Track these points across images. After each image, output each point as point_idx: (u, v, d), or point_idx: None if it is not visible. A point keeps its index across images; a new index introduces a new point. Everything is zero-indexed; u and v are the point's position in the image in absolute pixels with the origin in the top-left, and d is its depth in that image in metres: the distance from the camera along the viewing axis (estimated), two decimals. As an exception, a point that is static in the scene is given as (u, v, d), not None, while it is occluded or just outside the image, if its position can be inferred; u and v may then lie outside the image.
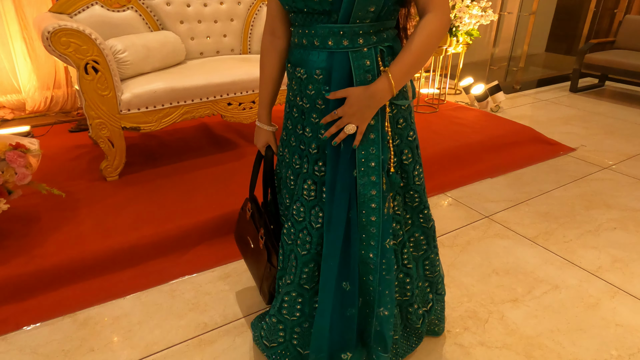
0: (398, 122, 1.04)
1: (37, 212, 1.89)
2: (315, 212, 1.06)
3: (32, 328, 1.48)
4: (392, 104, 1.01)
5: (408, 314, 1.26)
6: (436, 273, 1.32)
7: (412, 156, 1.10)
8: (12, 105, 3.08)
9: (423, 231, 1.22)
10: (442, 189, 2.42)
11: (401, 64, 0.92)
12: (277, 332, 1.20)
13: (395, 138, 1.05)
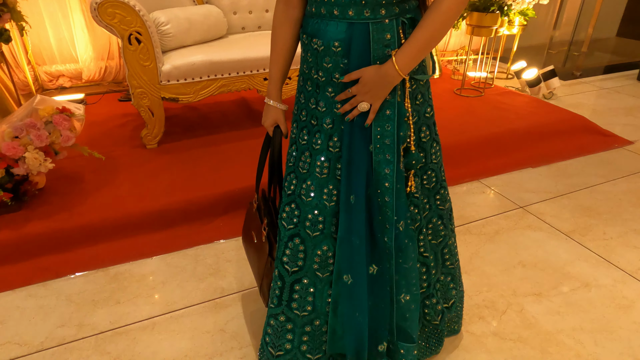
0: (416, 99, 1.00)
1: (81, 173, 2.04)
2: (329, 189, 1.02)
3: (68, 278, 1.62)
4: (412, 78, 0.97)
5: (425, 307, 1.19)
6: (456, 262, 1.26)
7: (430, 133, 1.06)
8: (70, 74, 3.29)
9: (440, 215, 1.16)
10: (478, 176, 2.33)
11: (409, 48, 0.88)
12: (285, 335, 1.09)
13: (414, 115, 1.00)
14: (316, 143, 1.01)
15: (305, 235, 1.03)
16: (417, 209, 1.07)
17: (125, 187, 1.94)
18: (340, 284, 1.04)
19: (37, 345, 1.35)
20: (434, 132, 1.08)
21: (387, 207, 0.98)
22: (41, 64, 3.19)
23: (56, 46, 3.19)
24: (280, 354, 1.10)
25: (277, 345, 1.10)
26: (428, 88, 1.05)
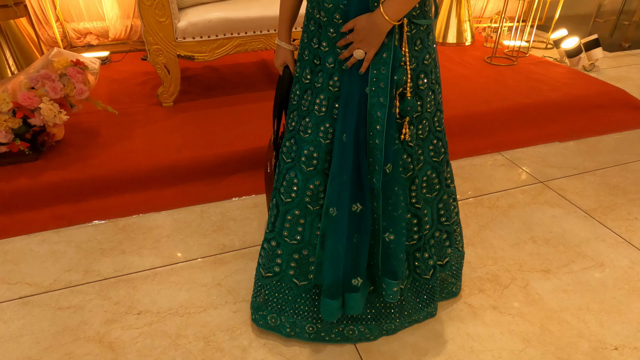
0: (415, 44, 0.97)
1: (98, 127, 2.08)
2: (325, 127, 1.04)
3: (80, 226, 1.68)
4: (411, 22, 0.94)
5: (416, 260, 1.19)
6: (453, 220, 1.23)
7: (427, 81, 1.03)
8: (97, 31, 3.33)
9: (434, 167, 1.14)
10: (500, 148, 2.23)
11: None
12: (275, 259, 1.17)
13: (412, 61, 0.98)
14: (317, 82, 1.04)
15: (299, 170, 1.08)
16: (410, 158, 1.07)
17: (139, 143, 1.97)
18: (327, 217, 1.07)
19: (46, 286, 1.42)
20: (432, 80, 1.05)
21: (377, 149, 0.99)
22: (69, 21, 3.24)
23: (84, 3, 3.22)
24: (269, 275, 1.19)
25: (267, 267, 1.19)
26: (429, 34, 1.01)
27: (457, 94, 2.49)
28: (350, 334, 1.22)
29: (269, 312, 1.21)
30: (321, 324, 1.20)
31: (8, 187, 1.68)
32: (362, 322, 1.21)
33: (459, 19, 3.37)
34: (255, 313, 1.24)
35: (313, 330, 1.20)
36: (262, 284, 1.21)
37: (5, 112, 1.68)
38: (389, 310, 1.21)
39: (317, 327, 1.20)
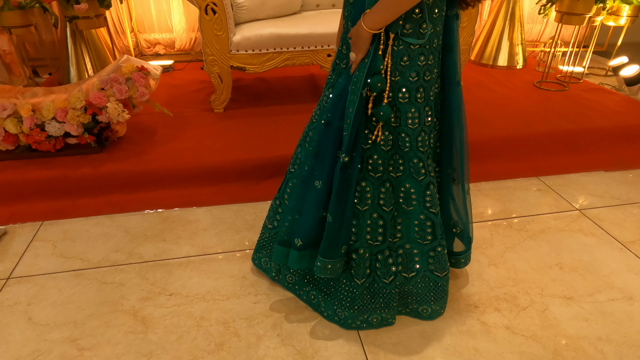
0: (402, 59, 1.06)
1: (155, 127, 2.30)
2: (326, 117, 1.18)
3: (130, 214, 1.87)
4: (400, 38, 1.04)
5: (377, 262, 1.25)
6: (426, 242, 1.25)
7: (410, 98, 1.10)
8: (165, 42, 3.65)
9: (413, 183, 1.19)
10: (537, 173, 2.19)
11: (375, 7, 0.98)
12: (276, 215, 1.40)
13: (396, 74, 1.07)
14: (332, 78, 1.21)
15: (303, 147, 1.28)
16: (380, 160, 1.15)
17: (188, 143, 2.15)
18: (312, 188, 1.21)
19: (95, 263, 1.60)
20: (416, 98, 1.10)
21: (345, 140, 1.11)
22: (142, 32, 3.59)
23: (156, 17, 3.55)
24: (270, 227, 1.43)
25: (270, 220, 1.43)
26: (421, 54, 1.07)
27: (498, 115, 2.48)
28: (312, 298, 1.38)
29: (264, 255, 1.46)
30: (297, 277, 1.39)
31: (74, 174, 1.91)
32: (321, 291, 1.36)
33: (511, 42, 3.34)
34: (255, 253, 1.51)
35: (292, 280, 1.41)
36: (264, 232, 1.46)
37: (78, 108, 1.92)
38: (341, 295, 1.29)
39: (295, 279, 1.41)
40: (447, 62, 1.15)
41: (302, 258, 1.26)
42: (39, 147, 1.95)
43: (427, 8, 1.02)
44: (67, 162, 1.96)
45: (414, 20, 1.02)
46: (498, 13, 3.37)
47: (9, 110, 1.87)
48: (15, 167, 1.93)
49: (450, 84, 1.17)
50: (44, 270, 1.56)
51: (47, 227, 1.79)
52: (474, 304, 1.43)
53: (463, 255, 1.41)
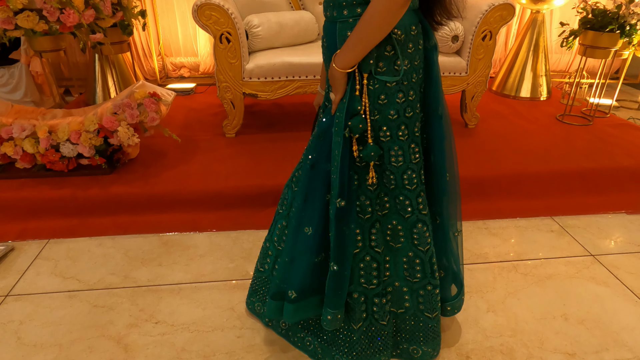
0: (379, 97, 1.04)
1: (166, 150, 2.36)
2: (312, 156, 1.17)
3: (132, 236, 1.90)
4: (374, 77, 1.02)
5: (374, 305, 1.20)
6: (416, 280, 1.19)
7: (391, 136, 1.07)
8: (190, 65, 3.78)
9: (399, 220, 1.15)
10: (552, 212, 2.09)
11: (344, 47, 0.98)
12: (266, 258, 1.35)
13: (375, 113, 1.05)
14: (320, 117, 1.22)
15: (290, 188, 1.26)
16: (368, 201, 1.12)
17: (195, 167, 2.19)
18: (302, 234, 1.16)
19: (90, 284, 1.63)
20: (398, 135, 1.08)
21: (334, 183, 1.08)
22: (169, 56, 3.73)
23: (182, 41, 3.69)
24: (261, 270, 1.38)
25: (261, 263, 1.38)
26: (399, 92, 1.05)
27: (514, 149, 2.40)
28: (307, 344, 1.32)
29: (257, 300, 1.41)
30: (292, 323, 1.32)
31: (82, 195, 1.97)
32: (318, 338, 1.29)
33: (535, 73, 3.26)
34: (249, 297, 1.46)
35: (285, 326, 1.36)
36: (256, 275, 1.41)
37: (91, 131, 1.99)
38: (339, 341, 1.23)
39: (288, 325, 1.35)
40: (428, 95, 1.12)
41: (298, 310, 1.20)
42: (53, 167, 2.03)
43: (399, 44, 1.00)
44: (77, 182, 2.03)
45: (386, 57, 1.01)
46: (521, 43, 3.29)
47: (27, 131, 1.97)
48: (30, 185, 2.01)
49: (432, 118, 1.13)
50: (41, 290, 1.60)
51: (52, 246, 1.84)
52: (466, 354, 1.35)
53: (450, 303, 1.33)
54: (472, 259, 1.79)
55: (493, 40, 2.46)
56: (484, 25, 2.40)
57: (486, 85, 2.57)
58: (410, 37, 1.01)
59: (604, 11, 2.47)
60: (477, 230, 1.97)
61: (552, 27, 3.78)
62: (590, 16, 2.54)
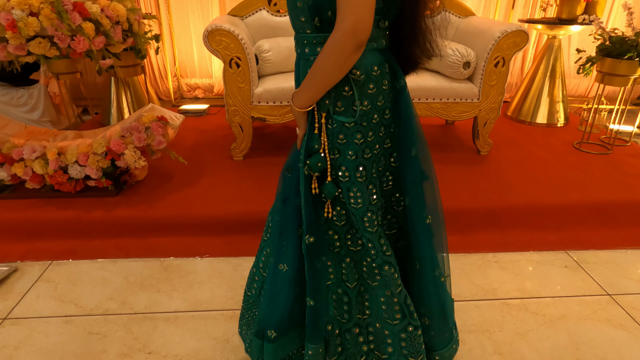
0: (338, 137, 1.02)
1: (173, 173, 2.36)
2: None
3: (133, 260, 1.89)
4: (331, 117, 1.00)
5: (346, 342, 1.18)
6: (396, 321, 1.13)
7: (350, 177, 1.04)
8: (204, 86, 3.83)
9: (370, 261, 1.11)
10: (566, 246, 2.00)
11: (301, 86, 0.97)
12: (253, 283, 1.30)
13: (335, 152, 1.03)
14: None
15: (272, 213, 1.22)
16: (337, 235, 1.10)
17: (200, 192, 2.18)
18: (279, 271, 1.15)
19: (88, 310, 1.61)
20: (356, 177, 1.04)
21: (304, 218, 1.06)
22: (184, 77, 3.79)
23: (197, 63, 3.75)
24: (248, 294, 1.33)
25: (249, 287, 1.33)
26: (357, 132, 1.02)
27: (527, 179, 2.32)
28: None
29: (244, 323, 1.35)
30: None
31: (87, 217, 1.98)
32: None
33: (552, 99, 3.18)
34: (240, 320, 1.38)
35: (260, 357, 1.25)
36: (244, 299, 1.35)
37: (99, 153, 2.01)
38: None
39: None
40: (399, 135, 1.09)
41: (278, 349, 1.18)
42: (60, 188, 2.06)
43: (357, 84, 0.98)
44: (83, 204, 2.04)
45: (344, 97, 0.99)
46: (538, 68, 3.23)
47: (37, 152, 2.00)
48: (37, 205, 2.04)
49: (405, 159, 1.10)
50: (39, 314, 1.59)
51: (55, 267, 1.84)
52: (468, 400, 1.27)
53: (438, 352, 1.22)
54: (480, 295, 1.71)
55: (506, 66, 2.41)
56: (497, 51, 2.36)
57: (499, 112, 2.51)
58: (371, 77, 0.99)
59: (622, 38, 2.41)
60: (486, 264, 1.89)
61: (569, 51, 3.71)
62: (608, 43, 2.48)
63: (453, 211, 2.05)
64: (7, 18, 1.61)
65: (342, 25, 0.86)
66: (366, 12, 0.86)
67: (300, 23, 0.97)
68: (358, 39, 0.86)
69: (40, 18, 1.64)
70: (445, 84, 2.43)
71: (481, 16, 3.63)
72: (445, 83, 2.43)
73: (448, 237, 1.99)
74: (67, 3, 1.66)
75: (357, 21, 0.85)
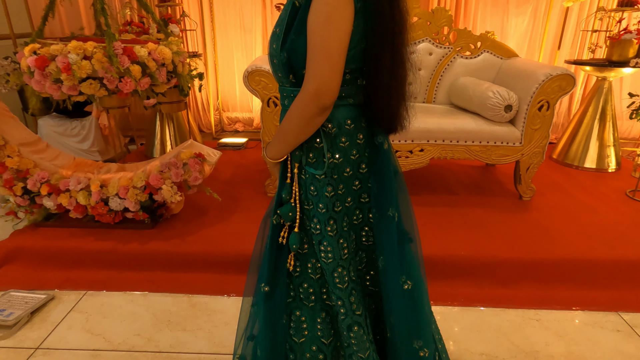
0: (310, 189, 1.01)
1: (208, 207, 2.40)
2: None
3: (163, 294, 1.91)
4: (303, 168, 1.01)
5: None
6: None
7: (321, 230, 1.01)
8: (244, 120, 3.94)
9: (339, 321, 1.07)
10: (617, 307, 1.83)
11: (273, 138, 1.01)
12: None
13: (309, 203, 1.02)
14: None
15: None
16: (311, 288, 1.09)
17: (233, 228, 2.19)
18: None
19: (115, 344, 1.63)
20: (327, 231, 1.02)
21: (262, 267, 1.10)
22: (226, 111, 3.93)
23: (239, 97, 3.88)
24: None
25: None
26: (328, 185, 1.00)
27: (574, 230, 2.17)
28: None
29: None
30: None
31: (123, 248, 2.03)
32: None
33: (602, 142, 3.02)
34: None
35: None
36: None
37: (138, 187, 2.08)
38: None
39: None
40: (375, 192, 1.05)
41: None
42: (100, 219, 2.13)
43: (328, 137, 0.97)
44: (120, 236, 2.10)
45: (316, 149, 0.99)
46: (586, 109, 3.09)
47: (82, 184, 2.10)
48: (78, 235, 2.12)
49: (380, 217, 1.04)
50: (69, 345, 1.62)
51: (88, 298, 1.89)
52: None
53: None
54: (520, 357, 1.59)
55: (551, 110, 2.32)
56: (541, 95, 2.28)
57: (543, 156, 2.40)
58: (344, 130, 0.99)
59: (680, 83, 2.26)
60: (526, 322, 1.76)
61: (622, 93, 3.54)
62: (664, 87, 2.34)
63: (491, 261, 1.95)
64: (63, 61, 1.72)
65: (306, 88, 0.88)
66: (330, 78, 0.86)
67: (278, 77, 1.00)
68: (321, 102, 0.87)
69: (93, 61, 1.75)
70: (485, 126, 2.36)
71: (525, 57, 3.55)
72: (485, 126, 2.36)
73: (485, 289, 1.90)
74: (117, 47, 1.77)
75: (321, 85, 0.86)
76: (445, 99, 2.86)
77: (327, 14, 0.84)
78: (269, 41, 0.99)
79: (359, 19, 0.88)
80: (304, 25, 0.87)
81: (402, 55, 0.96)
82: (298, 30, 0.89)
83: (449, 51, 2.79)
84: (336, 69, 0.86)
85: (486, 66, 2.77)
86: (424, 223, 2.19)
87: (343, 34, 0.86)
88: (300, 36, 0.89)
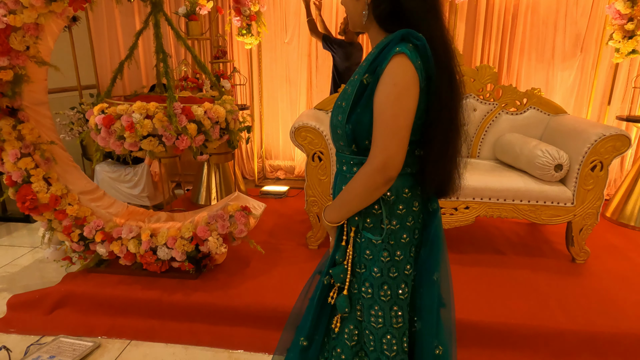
0: (365, 252, 1.03)
1: (250, 259, 2.43)
2: None
3: (204, 348, 1.91)
4: (360, 232, 1.03)
5: None
6: None
7: (373, 294, 1.02)
8: (286, 168, 4.03)
9: None
10: (692, 393, 1.66)
11: (332, 203, 1.04)
12: None
13: (362, 266, 1.04)
14: None
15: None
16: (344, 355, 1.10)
17: (274, 281, 2.20)
18: None
19: (156, 400, 1.63)
20: (380, 295, 1.02)
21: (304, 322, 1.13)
22: (268, 159, 4.04)
23: (282, 146, 3.99)
24: None
25: None
26: (384, 250, 1.01)
27: (636, 298, 2.02)
28: None
29: None
30: None
31: (167, 298, 2.07)
32: None
33: (660, 202, 2.85)
34: None
35: None
36: None
37: (186, 238, 2.15)
38: None
39: None
40: (422, 256, 1.06)
41: None
42: (148, 267, 2.20)
43: (386, 204, 1.00)
44: (166, 285, 2.15)
45: (374, 215, 1.01)
46: (642, 167, 2.96)
47: (133, 232, 2.19)
48: (126, 282, 2.18)
49: (424, 280, 1.06)
50: (112, 398, 1.64)
51: (132, 348, 1.92)
52: None
53: None
54: None
55: (605, 170, 2.24)
56: (593, 155, 2.21)
57: (597, 218, 2.29)
58: (401, 198, 1.02)
59: None
60: (587, 403, 1.62)
61: (680, 149, 3.37)
62: None
63: (544, 330, 1.83)
64: (127, 120, 1.85)
65: (373, 160, 0.92)
66: (397, 152, 0.92)
67: (339, 145, 1.05)
68: (387, 175, 0.92)
69: (154, 120, 1.87)
70: (534, 185, 2.30)
71: (572, 113, 3.48)
72: (534, 185, 2.30)
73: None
74: (177, 108, 1.89)
75: (388, 159, 0.91)
76: (490, 154, 2.82)
77: (397, 94, 0.90)
78: (332, 112, 1.06)
79: (422, 96, 0.94)
80: (371, 101, 0.95)
81: (458, 126, 1.00)
82: (364, 105, 0.96)
83: (493, 107, 2.78)
84: (403, 144, 0.92)
85: (533, 123, 2.73)
86: (471, 285, 2.11)
87: (410, 112, 0.92)
88: (366, 110, 0.96)
